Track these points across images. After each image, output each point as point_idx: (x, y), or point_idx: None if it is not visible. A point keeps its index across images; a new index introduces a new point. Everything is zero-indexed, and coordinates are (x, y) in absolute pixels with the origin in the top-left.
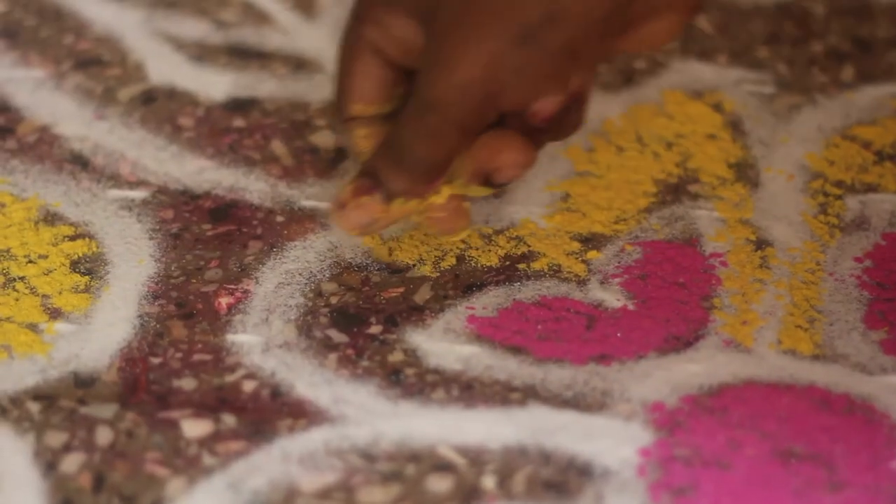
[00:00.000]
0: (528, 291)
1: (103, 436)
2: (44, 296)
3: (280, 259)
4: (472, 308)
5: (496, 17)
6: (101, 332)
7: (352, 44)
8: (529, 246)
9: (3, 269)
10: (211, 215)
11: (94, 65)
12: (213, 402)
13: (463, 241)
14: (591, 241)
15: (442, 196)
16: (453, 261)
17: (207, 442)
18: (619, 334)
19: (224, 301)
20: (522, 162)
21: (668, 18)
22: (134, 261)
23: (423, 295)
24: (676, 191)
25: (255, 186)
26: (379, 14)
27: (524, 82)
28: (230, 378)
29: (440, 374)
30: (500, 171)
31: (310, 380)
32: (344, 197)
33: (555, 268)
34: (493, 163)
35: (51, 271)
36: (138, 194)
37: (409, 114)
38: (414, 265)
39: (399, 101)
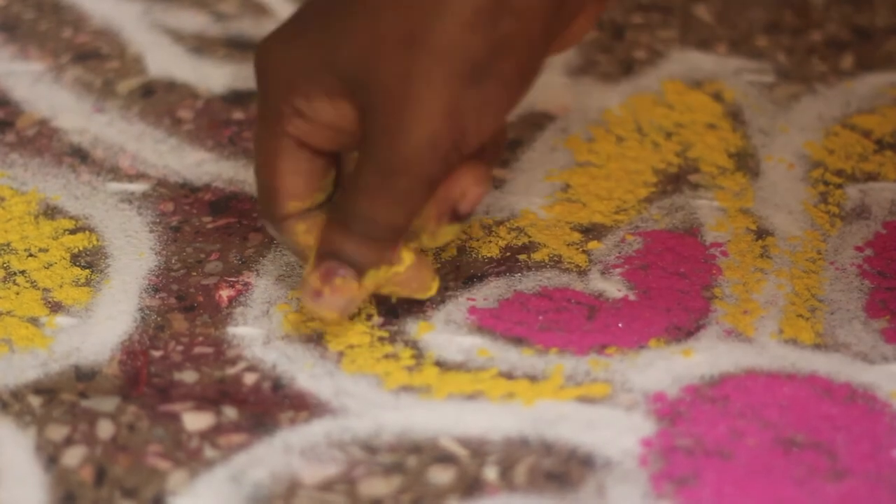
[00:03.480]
0: (528, 282)
1: (105, 429)
2: (44, 289)
3: (281, 251)
4: (473, 299)
5: (443, 63)
6: (102, 326)
7: (273, 143)
8: (530, 237)
9: (4, 263)
10: (211, 208)
11: (93, 58)
12: (215, 395)
13: (464, 232)
14: (591, 231)
15: (405, 261)
16: (454, 252)
17: (209, 434)
18: (620, 324)
19: (225, 294)
20: (482, 178)
21: (587, 12)
22: (134, 254)
23: None
24: (677, 180)
25: (254, 179)
26: (298, 104)
27: (486, 120)
28: (231, 371)
29: (441, 365)
30: (464, 197)
31: (311, 372)
32: (316, 285)
33: (555, 258)
34: (454, 191)
35: (51, 265)
36: (138, 187)
37: (368, 184)
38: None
39: (331, 186)
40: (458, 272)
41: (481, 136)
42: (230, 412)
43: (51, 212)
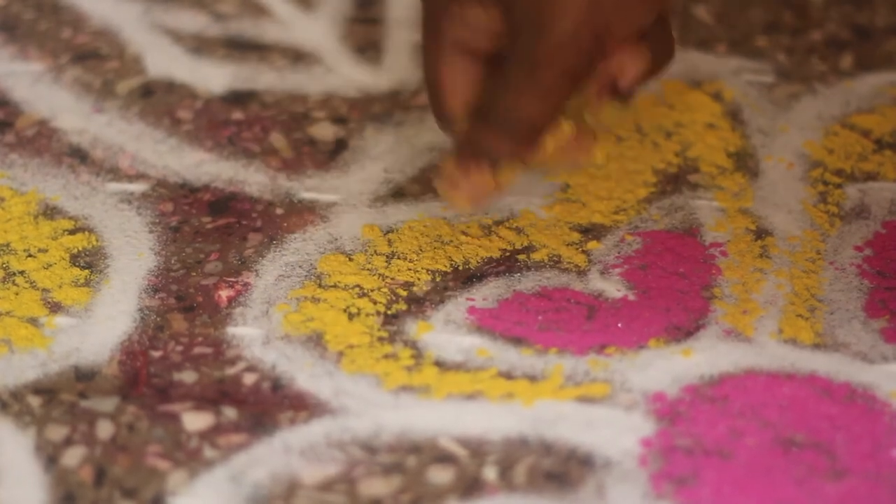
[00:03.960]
0: (528, 282)
1: (104, 429)
2: (44, 290)
3: (280, 251)
4: (473, 299)
5: None
6: (102, 326)
7: (435, 48)
8: (529, 237)
9: (3, 264)
10: (210, 208)
11: (93, 58)
12: (214, 395)
13: (463, 233)
14: (591, 231)
15: (564, 131)
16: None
17: (208, 435)
18: (619, 324)
19: (224, 294)
20: (638, 54)
21: None
22: (134, 254)
23: (423, 286)
24: (676, 180)
25: (254, 179)
26: (457, 11)
27: (625, 11)
28: (231, 371)
29: (441, 365)
30: (622, 73)
31: (310, 372)
32: (452, 174)
33: (555, 258)
34: (612, 67)
35: (50, 265)
36: (137, 187)
37: (513, 76)
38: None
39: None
40: (458, 272)
41: (624, 27)
42: (230, 412)
43: (50, 212)
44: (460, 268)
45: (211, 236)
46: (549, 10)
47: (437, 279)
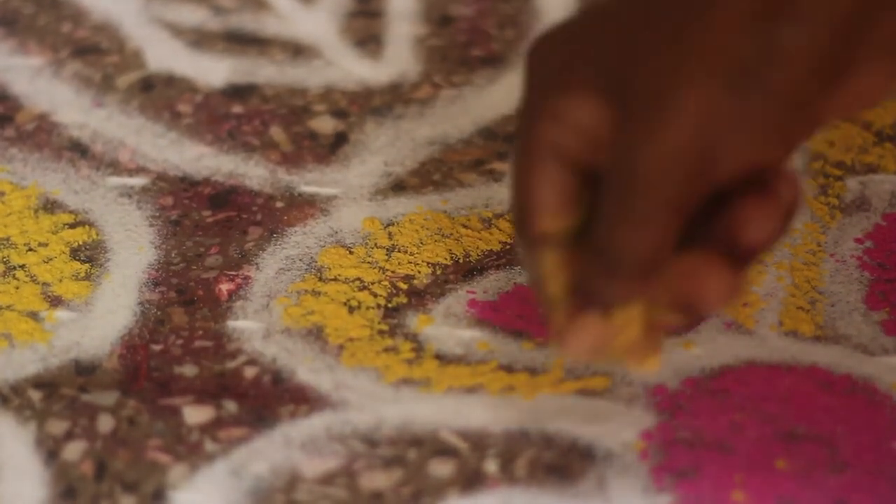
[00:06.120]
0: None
1: (105, 423)
2: (44, 284)
3: (280, 245)
4: (473, 292)
5: (702, 61)
6: (102, 320)
7: (529, 150)
8: None
9: (3, 258)
10: (210, 202)
11: (93, 52)
12: (215, 389)
13: (463, 226)
14: None
15: (635, 323)
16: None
17: (209, 428)
18: None
19: (224, 287)
20: (730, 291)
21: (878, 66)
22: (134, 248)
23: (423, 279)
24: None
25: (254, 172)
26: (556, 104)
27: (741, 137)
28: (231, 364)
29: (441, 358)
30: (703, 303)
31: (311, 365)
32: (560, 323)
33: None
34: (695, 293)
35: (51, 259)
36: (138, 181)
37: (609, 204)
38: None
39: (586, 210)
40: (458, 265)
41: (734, 158)
42: (230, 406)
43: (50, 206)
44: (461, 261)
45: (211, 230)
46: (653, 118)
47: (438, 272)
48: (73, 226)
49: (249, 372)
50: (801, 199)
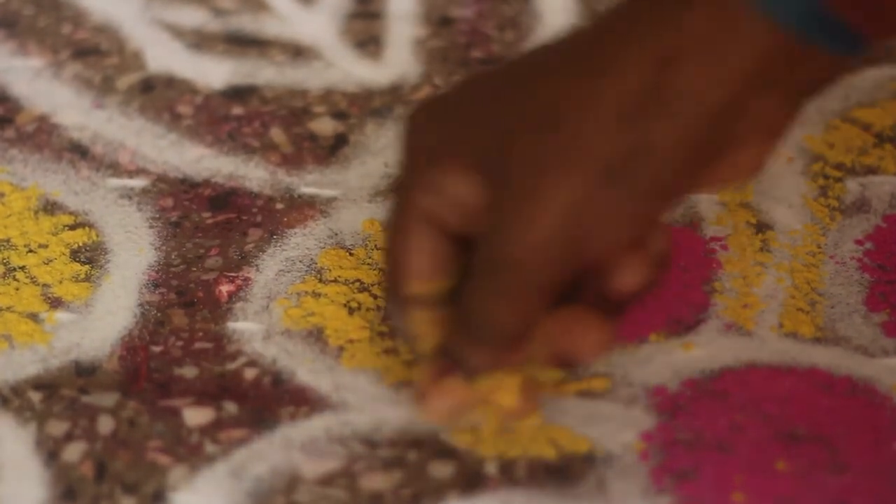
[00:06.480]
0: None
1: (105, 424)
2: (44, 285)
3: (280, 246)
4: None
5: (575, 156)
6: (102, 321)
7: (403, 216)
8: None
9: (4, 259)
10: (210, 203)
11: (93, 54)
12: (215, 390)
13: None
14: None
15: (511, 390)
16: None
17: (209, 430)
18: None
19: (224, 289)
20: (603, 342)
21: (750, 146)
22: (134, 249)
23: None
24: None
25: (254, 174)
26: (432, 176)
27: (610, 227)
28: (231, 366)
29: None
30: (578, 357)
31: (311, 367)
32: (423, 385)
33: None
34: (570, 348)
35: (51, 260)
36: (138, 183)
37: (480, 278)
38: None
39: (458, 274)
40: None
41: (603, 245)
42: (230, 407)
43: (50, 207)
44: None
45: (211, 231)
46: (531, 206)
47: None
48: (73, 227)
49: (249, 373)
50: (671, 249)
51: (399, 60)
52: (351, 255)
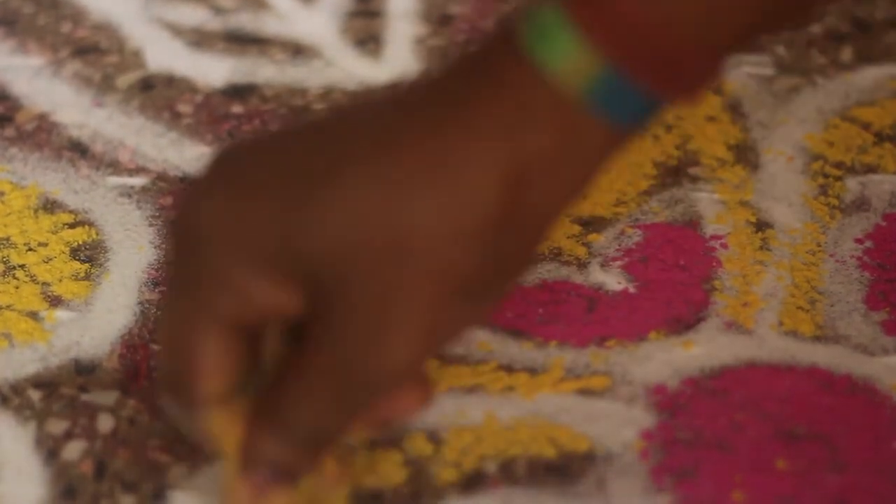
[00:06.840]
0: (528, 275)
1: (105, 423)
2: (44, 283)
3: None
4: None
5: (430, 283)
6: (102, 320)
7: (192, 316)
8: None
9: (3, 258)
10: None
11: (93, 52)
12: None
13: None
14: (591, 223)
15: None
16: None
17: None
18: (620, 317)
19: None
20: (421, 401)
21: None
22: (134, 248)
23: None
24: (676, 173)
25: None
26: (237, 280)
27: (468, 330)
28: None
29: (441, 358)
30: (399, 418)
31: None
32: (229, 485)
33: (555, 251)
34: (390, 413)
35: (50, 259)
36: (138, 181)
37: (315, 389)
38: None
39: (250, 365)
40: None
41: (458, 343)
42: None
43: (50, 206)
44: None
45: None
46: (386, 338)
47: None
48: (72, 225)
49: None
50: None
51: (399, 59)
52: None
